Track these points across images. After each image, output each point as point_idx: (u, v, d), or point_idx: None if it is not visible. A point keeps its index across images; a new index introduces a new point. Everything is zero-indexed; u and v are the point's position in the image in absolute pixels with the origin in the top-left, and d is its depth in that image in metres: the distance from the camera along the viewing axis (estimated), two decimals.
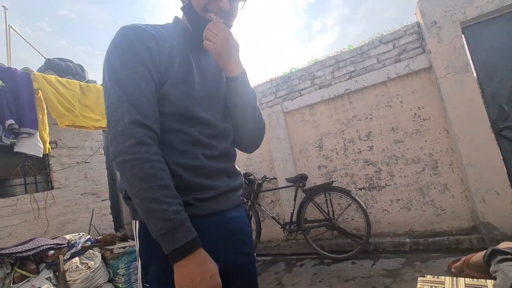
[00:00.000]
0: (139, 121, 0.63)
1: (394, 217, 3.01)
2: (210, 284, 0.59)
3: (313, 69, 3.55)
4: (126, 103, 0.64)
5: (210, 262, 0.62)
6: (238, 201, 0.84)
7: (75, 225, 3.18)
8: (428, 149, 2.84)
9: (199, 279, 0.58)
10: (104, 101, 0.71)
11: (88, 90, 2.00)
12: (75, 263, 2.24)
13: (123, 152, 0.61)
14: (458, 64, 2.54)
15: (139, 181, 0.60)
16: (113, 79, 0.67)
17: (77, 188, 3.31)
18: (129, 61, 0.67)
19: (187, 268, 0.58)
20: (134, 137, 0.61)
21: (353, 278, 2.39)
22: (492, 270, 0.75)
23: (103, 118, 2.01)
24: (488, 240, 2.41)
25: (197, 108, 0.75)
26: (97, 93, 2.06)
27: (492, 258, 0.78)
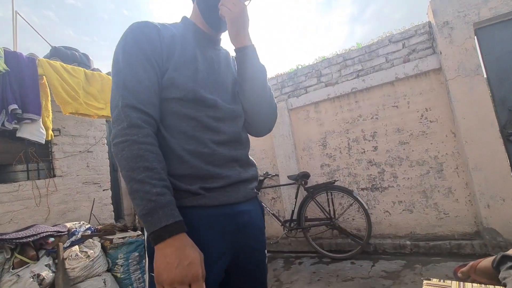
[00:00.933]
0: (132, 105, 0.64)
1: (396, 219, 2.98)
2: (187, 271, 0.56)
3: (320, 67, 3.51)
4: (122, 89, 0.66)
5: (192, 249, 0.59)
6: (251, 194, 0.81)
7: (76, 214, 3.19)
8: (433, 151, 2.79)
9: (175, 263, 0.56)
10: None
11: (93, 78, 1.98)
12: (74, 251, 2.24)
13: (117, 135, 0.63)
14: (469, 66, 2.48)
15: (127, 162, 0.61)
16: (115, 69, 0.70)
17: (79, 176, 3.31)
18: (130, 52, 0.69)
19: (165, 251, 0.57)
20: (126, 120, 0.63)
21: (352, 278, 2.37)
22: (502, 276, 0.73)
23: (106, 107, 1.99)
24: (490, 246, 2.38)
25: (202, 90, 0.74)
26: (101, 82, 2.04)
27: (502, 264, 0.75)
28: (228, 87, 0.83)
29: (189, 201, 0.68)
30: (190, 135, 0.71)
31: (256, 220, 0.81)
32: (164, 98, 0.71)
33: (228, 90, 0.83)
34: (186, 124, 0.71)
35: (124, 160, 0.61)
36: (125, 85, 0.66)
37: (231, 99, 0.82)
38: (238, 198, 0.75)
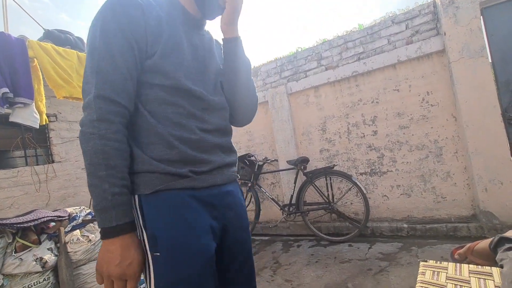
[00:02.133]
0: (105, 96, 0.62)
1: (394, 202, 3.01)
2: (126, 269, 0.60)
3: (320, 49, 3.42)
4: (96, 75, 0.63)
5: (136, 250, 0.63)
6: (234, 177, 0.85)
7: (76, 199, 3.21)
8: (433, 135, 2.78)
9: (117, 261, 0.59)
10: None
11: None
12: (76, 236, 2.27)
13: (85, 124, 0.62)
14: (473, 48, 2.42)
15: (90, 155, 0.61)
16: (90, 48, 0.65)
17: (78, 162, 3.31)
18: (108, 30, 0.65)
19: (110, 248, 0.60)
20: (96, 113, 0.61)
21: (349, 260, 2.42)
22: (499, 258, 0.73)
23: None
24: (486, 228, 2.41)
25: (189, 80, 0.73)
26: None
27: (499, 246, 0.75)
28: (211, 77, 0.82)
29: (180, 183, 0.69)
30: (176, 121, 0.71)
31: (240, 200, 0.86)
32: (148, 82, 0.70)
33: (211, 81, 0.81)
34: (171, 111, 0.70)
35: (88, 152, 0.61)
36: (100, 70, 0.63)
37: (213, 90, 0.81)
38: (224, 180, 0.79)
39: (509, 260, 0.67)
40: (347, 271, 2.24)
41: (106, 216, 0.60)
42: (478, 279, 0.74)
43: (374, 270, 2.17)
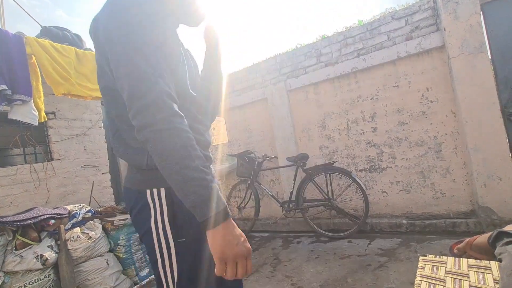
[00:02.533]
0: (169, 93, 0.63)
1: (393, 199, 3.02)
2: (245, 247, 0.63)
3: (319, 46, 3.40)
4: (152, 72, 0.62)
5: (238, 228, 0.65)
6: None
7: (75, 197, 3.21)
8: (433, 132, 2.78)
9: (235, 242, 0.61)
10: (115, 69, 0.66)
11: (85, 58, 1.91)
12: (76, 233, 2.28)
13: (157, 122, 0.60)
14: (473, 44, 2.41)
15: (178, 150, 0.60)
16: (131, 42, 0.62)
17: (77, 160, 3.30)
18: (153, 22, 0.64)
19: (223, 232, 0.61)
20: (169, 108, 0.62)
21: (349, 256, 2.44)
22: (498, 252, 0.73)
23: None
24: (485, 224, 2.43)
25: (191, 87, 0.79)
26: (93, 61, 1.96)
27: (498, 240, 0.76)
28: (198, 82, 0.87)
29: None
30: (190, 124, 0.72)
31: None
32: None
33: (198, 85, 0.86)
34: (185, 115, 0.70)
35: (175, 148, 0.60)
36: (155, 67, 0.62)
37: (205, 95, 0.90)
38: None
39: (508, 254, 0.68)
40: (346, 266, 2.25)
41: (211, 205, 0.60)
42: (477, 273, 0.74)
43: (374, 266, 2.18)
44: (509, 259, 0.65)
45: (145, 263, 2.60)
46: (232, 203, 3.86)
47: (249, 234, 3.51)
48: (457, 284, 0.72)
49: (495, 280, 0.71)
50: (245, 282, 2.30)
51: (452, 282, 0.73)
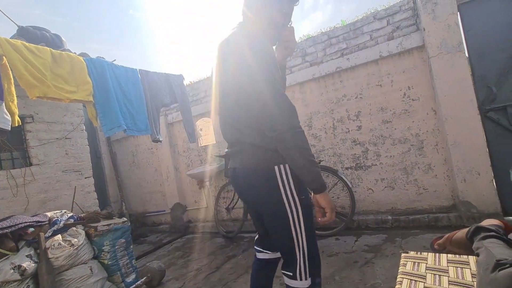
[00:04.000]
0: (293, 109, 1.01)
1: (378, 195, 3.08)
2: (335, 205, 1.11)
3: (304, 45, 3.43)
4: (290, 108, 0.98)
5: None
6: None
7: (57, 203, 3.10)
8: (415, 129, 2.86)
9: (332, 200, 1.02)
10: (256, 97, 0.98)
11: (61, 59, 1.83)
12: (57, 241, 2.19)
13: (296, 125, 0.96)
14: (451, 43, 2.49)
15: (306, 144, 0.97)
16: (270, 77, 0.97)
17: (58, 165, 3.18)
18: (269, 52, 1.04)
19: (327, 196, 1.01)
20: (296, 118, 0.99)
21: (336, 253, 2.47)
22: (475, 247, 0.75)
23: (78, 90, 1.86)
24: (465, 218, 2.51)
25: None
26: (71, 62, 1.88)
27: (475, 235, 0.78)
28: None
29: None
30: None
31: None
32: None
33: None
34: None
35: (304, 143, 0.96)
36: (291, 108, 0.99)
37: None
38: None
39: (484, 249, 0.69)
40: (334, 264, 2.28)
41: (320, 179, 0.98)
42: (455, 268, 0.76)
43: (360, 262, 2.21)
44: (486, 254, 0.67)
45: (132, 269, 2.54)
46: (221, 204, 3.83)
47: (238, 235, 3.49)
48: (437, 280, 0.73)
49: (473, 274, 0.73)
50: (234, 284, 2.28)
51: (432, 278, 0.74)
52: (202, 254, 3.20)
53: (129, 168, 5.27)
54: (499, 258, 0.61)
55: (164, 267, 2.69)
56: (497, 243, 0.70)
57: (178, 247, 3.67)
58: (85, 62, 2.00)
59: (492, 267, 0.59)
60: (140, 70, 2.73)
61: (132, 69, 2.60)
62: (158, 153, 4.78)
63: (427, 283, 0.73)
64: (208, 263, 2.85)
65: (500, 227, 0.77)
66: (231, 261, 2.77)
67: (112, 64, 2.35)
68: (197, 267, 2.82)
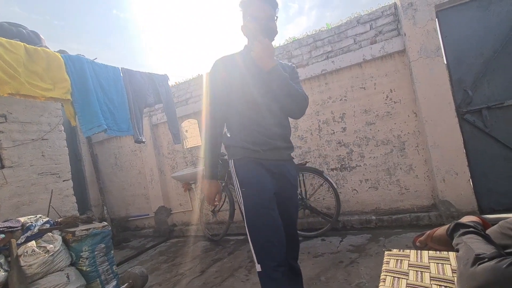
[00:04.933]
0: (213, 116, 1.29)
1: (362, 196, 3.14)
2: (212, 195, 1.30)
3: (290, 48, 3.46)
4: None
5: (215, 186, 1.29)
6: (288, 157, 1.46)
7: (32, 207, 2.94)
8: (397, 131, 2.93)
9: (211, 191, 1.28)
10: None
11: (36, 54, 1.73)
12: (30, 247, 2.07)
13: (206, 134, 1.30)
14: (430, 48, 2.58)
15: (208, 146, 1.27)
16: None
17: (33, 167, 3.02)
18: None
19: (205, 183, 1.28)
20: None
21: (322, 254, 2.48)
22: (455, 243, 0.77)
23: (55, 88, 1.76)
24: (445, 216, 2.60)
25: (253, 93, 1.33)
26: (47, 59, 1.78)
27: (455, 232, 0.80)
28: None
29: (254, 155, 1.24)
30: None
31: (290, 172, 1.35)
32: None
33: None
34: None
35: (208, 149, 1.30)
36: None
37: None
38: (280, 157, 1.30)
39: (464, 244, 0.71)
40: (320, 265, 2.28)
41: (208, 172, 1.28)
42: (436, 264, 0.77)
43: (345, 262, 2.23)
44: (465, 249, 0.69)
45: (112, 275, 2.44)
46: (207, 207, 3.77)
47: (224, 238, 3.45)
48: (419, 276, 0.74)
49: (453, 270, 0.74)
50: None
51: (414, 275, 0.75)
52: (187, 258, 3.12)
53: (111, 170, 5.10)
54: (478, 252, 0.62)
55: (146, 273, 2.60)
56: (476, 239, 0.71)
57: (162, 252, 3.57)
58: (63, 59, 1.91)
59: (471, 261, 0.60)
60: (122, 68, 2.65)
61: (113, 67, 2.52)
62: (142, 155, 4.65)
63: (409, 279, 0.74)
64: (193, 267, 2.78)
65: (479, 224, 0.79)
66: (216, 265, 2.72)
67: (92, 61, 2.26)
68: (181, 272, 2.75)
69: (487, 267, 0.57)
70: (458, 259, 0.67)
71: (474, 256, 0.60)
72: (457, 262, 0.68)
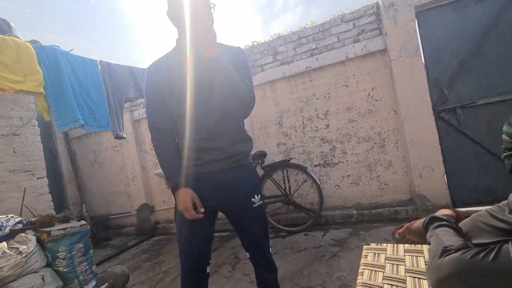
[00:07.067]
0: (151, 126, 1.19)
1: (344, 191, 3.22)
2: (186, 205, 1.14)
3: (275, 44, 3.45)
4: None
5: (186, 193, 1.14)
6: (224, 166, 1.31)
7: (3, 207, 2.78)
8: (378, 128, 3.02)
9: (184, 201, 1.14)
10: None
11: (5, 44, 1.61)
12: (1, 249, 1.96)
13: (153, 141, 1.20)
14: (409, 48, 2.66)
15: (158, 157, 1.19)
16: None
17: (4, 164, 2.85)
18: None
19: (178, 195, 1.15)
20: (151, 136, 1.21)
21: (305, 249, 2.52)
22: (428, 235, 0.80)
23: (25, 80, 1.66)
24: (421, 210, 2.72)
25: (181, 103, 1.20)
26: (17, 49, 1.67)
27: (430, 225, 0.83)
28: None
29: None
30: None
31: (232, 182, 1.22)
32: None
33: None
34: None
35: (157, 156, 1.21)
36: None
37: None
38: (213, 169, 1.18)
39: (436, 237, 0.74)
40: (303, 259, 2.32)
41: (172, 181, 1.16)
42: (411, 257, 0.80)
43: (327, 256, 2.29)
44: (435, 242, 0.72)
45: (91, 275, 2.36)
46: None
47: None
48: (394, 269, 0.77)
49: (426, 262, 0.77)
50: None
51: (390, 268, 0.77)
52: (170, 256, 3.08)
53: (90, 167, 4.91)
54: (446, 245, 0.65)
55: (127, 272, 2.55)
56: (447, 231, 0.75)
57: (145, 250, 3.50)
58: (35, 49, 1.79)
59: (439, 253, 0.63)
60: (101, 61, 2.54)
61: (91, 60, 2.41)
62: (123, 151, 4.51)
63: (386, 272, 0.76)
64: (176, 265, 2.75)
65: (452, 217, 0.83)
66: None
67: (67, 53, 2.15)
68: (164, 270, 2.71)
69: (452, 258, 0.59)
70: (429, 251, 0.70)
71: (442, 248, 0.63)
72: (429, 254, 0.71)
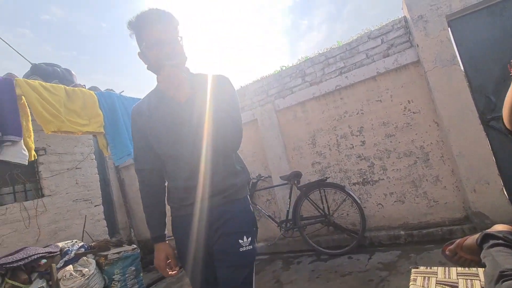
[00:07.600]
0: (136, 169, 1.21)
1: (389, 210, 3.04)
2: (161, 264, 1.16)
3: (303, 67, 3.56)
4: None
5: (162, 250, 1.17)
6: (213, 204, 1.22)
7: (68, 232, 3.12)
8: (419, 142, 2.87)
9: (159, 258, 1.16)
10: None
11: (74, 95, 1.95)
12: (68, 271, 2.20)
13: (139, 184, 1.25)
14: (445, 57, 2.57)
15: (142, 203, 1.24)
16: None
17: (68, 194, 3.25)
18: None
19: (156, 249, 1.18)
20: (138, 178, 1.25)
21: (350, 273, 2.40)
22: (483, 255, 0.75)
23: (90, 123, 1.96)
24: (480, 229, 2.45)
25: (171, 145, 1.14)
26: (83, 97, 2.00)
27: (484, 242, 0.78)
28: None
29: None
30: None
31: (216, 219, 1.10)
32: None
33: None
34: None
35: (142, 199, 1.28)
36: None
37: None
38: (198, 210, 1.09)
39: (491, 259, 0.70)
40: (348, 284, 2.21)
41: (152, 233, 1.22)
42: (465, 280, 0.76)
43: (376, 281, 2.15)
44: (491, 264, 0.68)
45: None
46: None
47: None
48: None
49: (483, 286, 0.73)
50: None
51: None
52: None
53: (137, 194, 5.30)
54: (503, 269, 0.61)
55: None
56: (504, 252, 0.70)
57: None
58: (96, 96, 2.13)
59: (496, 278, 0.60)
60: None
61: (139, 99, 2.73)
62: None
63: None
64: None
65: (509, 233, 0.76)
66: None
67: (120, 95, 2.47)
68: None
69: (510, 285, 0.56)
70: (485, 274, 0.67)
71: (499, 274, 0.60)
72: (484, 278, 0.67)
